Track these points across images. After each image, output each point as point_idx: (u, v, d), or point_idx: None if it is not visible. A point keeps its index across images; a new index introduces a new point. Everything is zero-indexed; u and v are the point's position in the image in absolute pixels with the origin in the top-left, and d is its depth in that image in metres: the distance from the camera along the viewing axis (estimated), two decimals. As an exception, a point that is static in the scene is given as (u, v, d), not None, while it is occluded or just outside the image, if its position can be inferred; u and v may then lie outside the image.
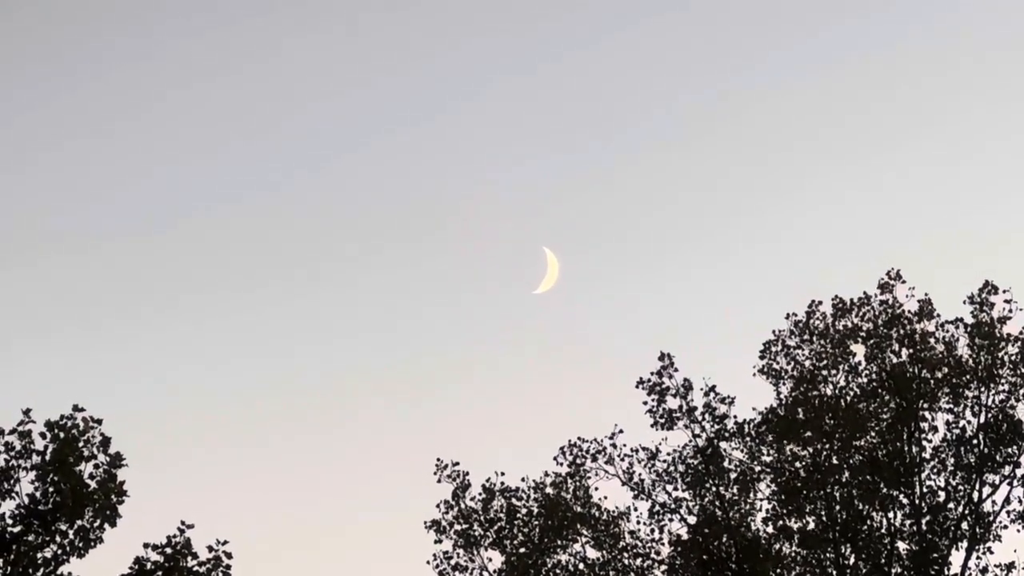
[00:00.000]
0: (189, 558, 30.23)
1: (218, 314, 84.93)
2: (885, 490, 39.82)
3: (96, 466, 29.42)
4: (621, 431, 40.20)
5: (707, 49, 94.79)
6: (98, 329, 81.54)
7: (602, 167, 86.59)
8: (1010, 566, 39.42)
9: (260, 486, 74.19)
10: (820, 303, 41.61)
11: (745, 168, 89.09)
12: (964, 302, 40.63)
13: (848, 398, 40.74)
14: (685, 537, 40.05)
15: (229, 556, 29.07)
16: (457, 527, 39.62)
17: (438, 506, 40.03)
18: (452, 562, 39.77)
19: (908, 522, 39.57)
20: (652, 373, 39.56)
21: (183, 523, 29.53)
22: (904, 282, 40.47)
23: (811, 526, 40.08)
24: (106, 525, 29.37)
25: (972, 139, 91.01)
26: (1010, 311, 40.31)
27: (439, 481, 39.50)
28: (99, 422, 29.36)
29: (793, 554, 40.08)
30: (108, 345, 79.02)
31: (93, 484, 29.76)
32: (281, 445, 77.91)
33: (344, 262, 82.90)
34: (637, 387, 39.69)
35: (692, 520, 40.46)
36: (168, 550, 29.21)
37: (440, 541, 40.40)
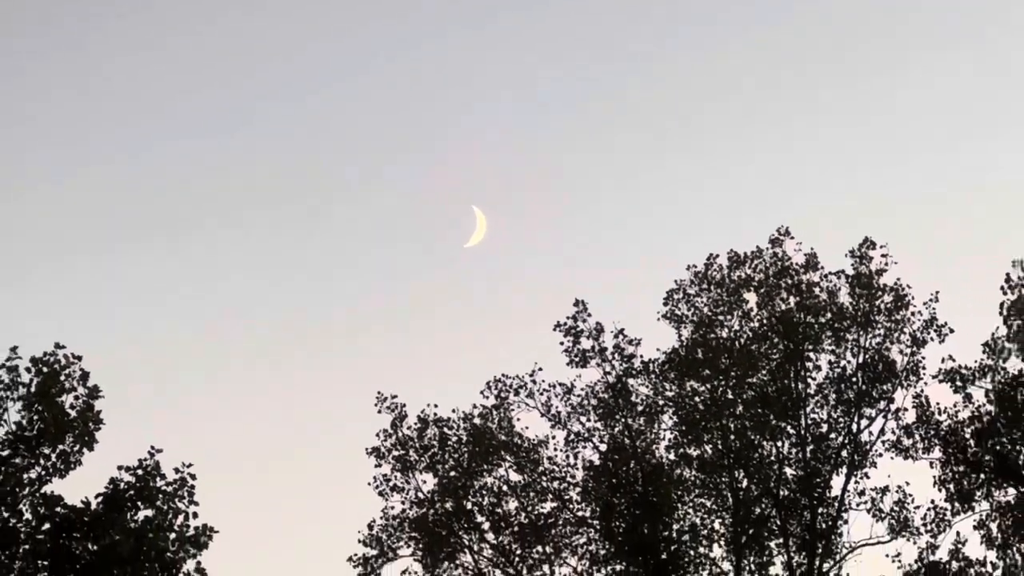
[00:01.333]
0: (158, 479, 31.95)
1: (178, 253, 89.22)
2: (774, 422, 42.25)
3: (76, 397, 31.06)
4: (540, 369, 42.16)
5: (615, 19, 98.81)
6: (73, 268, 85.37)
7: (525, 133, 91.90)
8: (884, 489, 41.72)
9: (222, 416, 78.88)
10: (717, 256, 43.83)
11: (651, 133, 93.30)
12: (846, 255, 42.76)
13: (741, 341, 43.05)
14: (597, 463, 42.42)
15: (193, 477, 30.64)
16: (395, 453, 41.77)
17: (378, 435, 42.00)
18: (390, 484, 41.88)
19: (794, 450, 42.17)
20: (568, 317, 41.66)
21: (152, 448, 30.97)
22: (792, 238, 42.88)
23: (708, 454, 42.61)
24: (84, 450, 30.85)
25: (855, 111, 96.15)
26: (886, 264, 42.82)
27: (379, 412, 41.57)
28: (79, 358, 30.66)
29: (692, 478, 42.63)
30: (84, 282, 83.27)
31: (73, 413, 31.05)
32: (239, 379, 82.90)
33: (300, 215, 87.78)
34: (555, 330, 41.67)
35: (603, 448, 42.60)
36: (139, 471, 30.61)
37: (379, 465, 42.49)
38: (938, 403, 42.01)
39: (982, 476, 39.61)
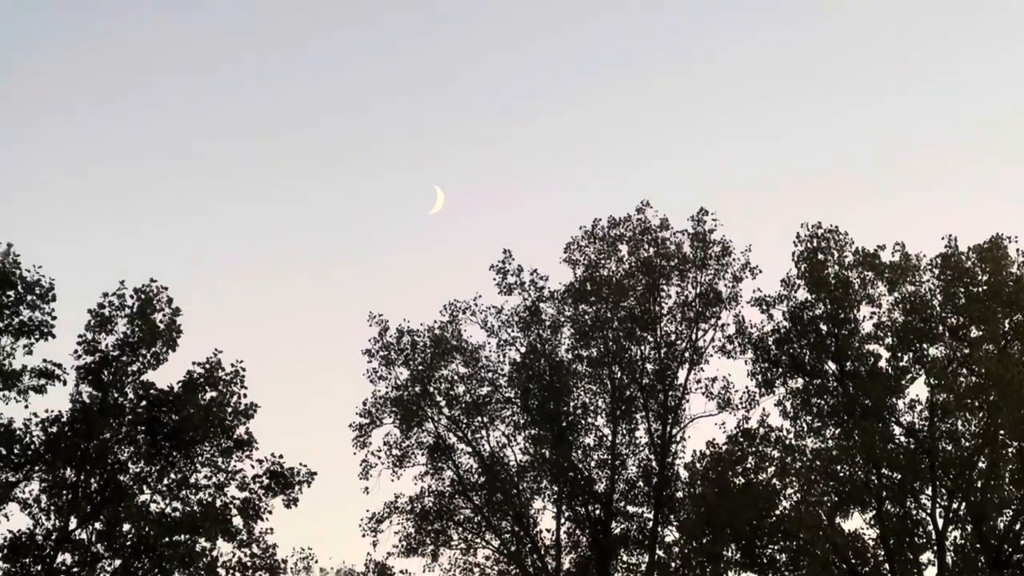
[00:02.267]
0: (219, 370, 39.74)
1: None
2: (639, 333, 50.35)
3: (163, 315, 39.52)
4: (480, 296, 50.28)
5: (551, 27, 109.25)
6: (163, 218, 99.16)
7: (480, 119, 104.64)
8: (714, 379, 49.53)
9: (261, 326, 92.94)
10: (600, 219, 51.04)
11: (572, 118, 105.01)
12: (688, 220, 50.36)
13: (616, 277, 50.75)
14: (518, 360, 50.56)
15: (244, 370, 39.69)
16: (381, 353, 49.17)
17: (369, 340, 49.44)
18: (378, 375, 49.25)
19: (653, 352, 50.17)
20: (499, 261, 49.71)
21: (215, 350, 39.46)
22: (652, 207, 50.44)
23: (594, 355, 50.42)
24: (169, 351, 38.77)
25: (687, 95, 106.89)
26: (714, 226, 49.96)
27: (370, 325, 49.31)
28: (166, 288, 39.19)
29: (584, 371, 50.59)
30: (172, 230, 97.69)
31: (161, 326, 39.13)
32: (272, 297, 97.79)
33: (297, 176, 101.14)
34: (489, 270, 49.70)
35: (522, 350, 50.40)
36: (207, 365, 39.32)
37: (370, 362, 49.63)
38: (750, 321, 48.96)
39: (780, 370, 46.53)
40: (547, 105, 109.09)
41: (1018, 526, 43.29)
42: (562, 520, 49.86)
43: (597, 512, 48.74)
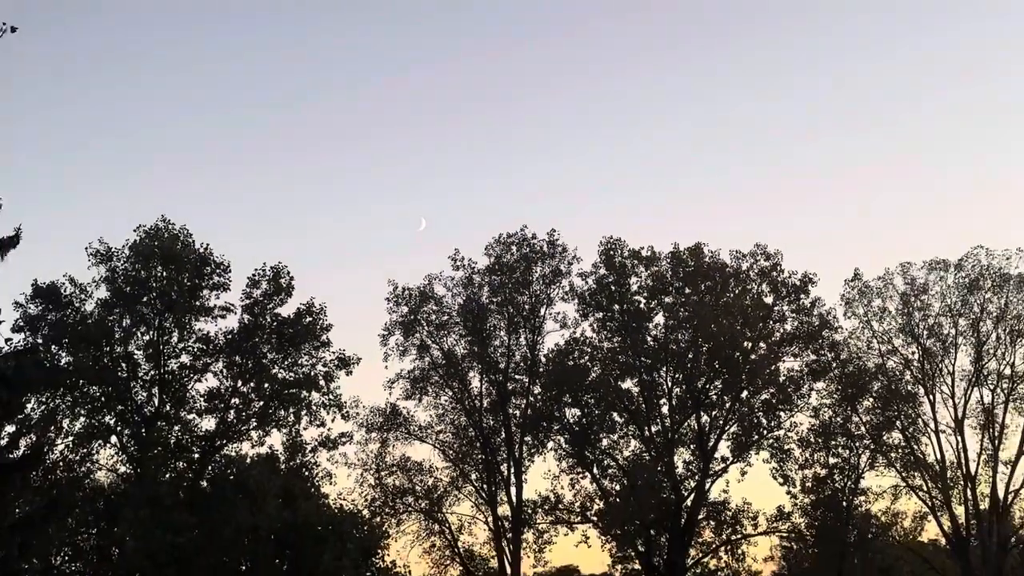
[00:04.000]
0: (313, 307, 54.80)
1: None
2: (521, 290, 65.85)
3: (284, 280, 55.67)
4: (443, 271, 67.18)
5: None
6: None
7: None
8: (559, 313, 66.33)
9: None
10: (502, 233, 66.45)
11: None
12: (545, 235, 65.47)
13: (511, 263, 65.90)
14: (462, 303, 66.12)
15: (325, 305, 55.28)
16: (393, 299, 66.62)
17: (388, 289, 67.12)
18: (392, 309, 65.87)
19: (528, 300, 66.03)
20: (453, 253, 66.58)
21: (311, 297, 55.28)
22: (528, 228, 66.36)
23: (500, 300, 66.42)
24: (288, 297, 58.84)
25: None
26: (557, 236, 65.71)
27: (388, 283, 69.48)
28: (287, 266, 58.57)
29: (496, 310, 66.59)
30: None
31: (284, 285, 55.49)
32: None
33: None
34: (448, 259, 67.33)
35: (463, 300, 66.25)
36: (307, 304, 55.31)
37: (388, 302, 66.04)
38: (576, 284, 65.91)
39: (591, 308, 65.93)
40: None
41: (706, 384, 65.52)
42: (483, 385, 67.32)
43: (500, 379, 66.58)
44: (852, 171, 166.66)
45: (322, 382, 55.84)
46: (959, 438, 65.62)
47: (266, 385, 54.98)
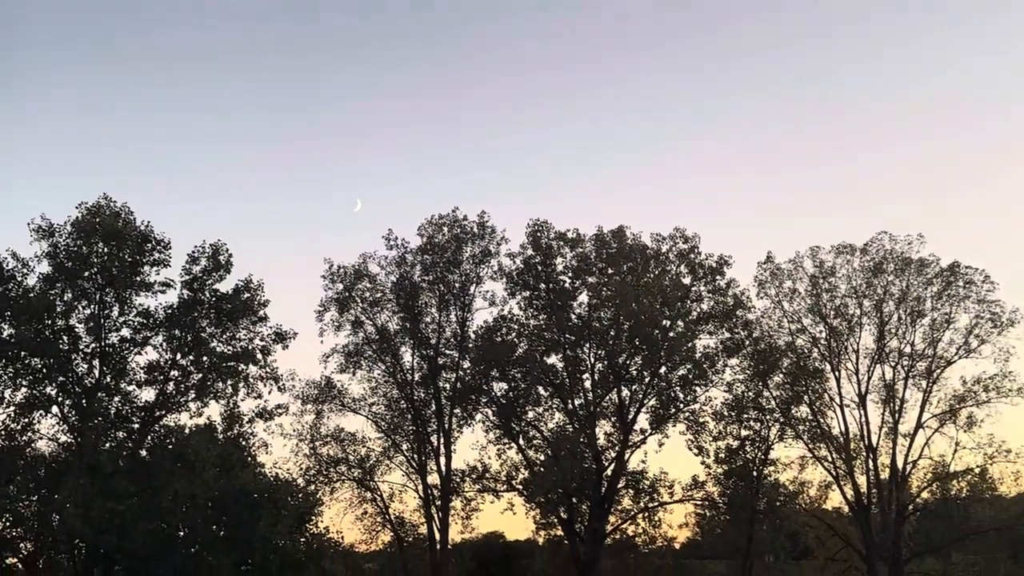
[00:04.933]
0: (251, 283, 57.60)
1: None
2: (452, 269, 66.18)
3: (223, 257, 56.87)
4: (377, 250, 69.92)
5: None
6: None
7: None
8: (488, 291, 66.99)
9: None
10: (435, 214, 67.19)
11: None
12: (476, 216, 67.23)
13: (442, 243, 65.74)
14: (395, 280, 66.43)
15: (263, 282, 58.16)
16: (329, 276, 66.39)
17: (325, 267, 67.00)
18: (328, 285, 67.24)
19: (458, 278, 66.36)
20: (387, 232, 66.50)
21: (250, 274, 54.88)
22: (459, 209, 66.54)
23: (431, 279, 66.49)
24: (226, 274, 56.80)
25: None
26: (488, 219, 65.97)
27: (324, 261, 68.42)
28: (226, 244, 60.33)
29: (427, 288, 67.03)
30: None
31: (223, 262, 56.70)
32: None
33: None
34: (382, 238, 66.66)
35: (395, 277, 66.52)
36: (245, 280, 57.57)
37: (324, 279, 67.00)
38: (504, 264, 67.43)
39: (518, 287, 66.83)
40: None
41: (626, 360, 66.54)
42: (414, 360, 68.14)
43: (431, 354, 67.45)
44: (767, 158, 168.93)
45: (259, 355, 56.31)
46: (862, 412, 67.48)
47: (205, 358, 55.11)
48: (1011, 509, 66.09)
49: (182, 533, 52.05)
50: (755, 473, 68.66)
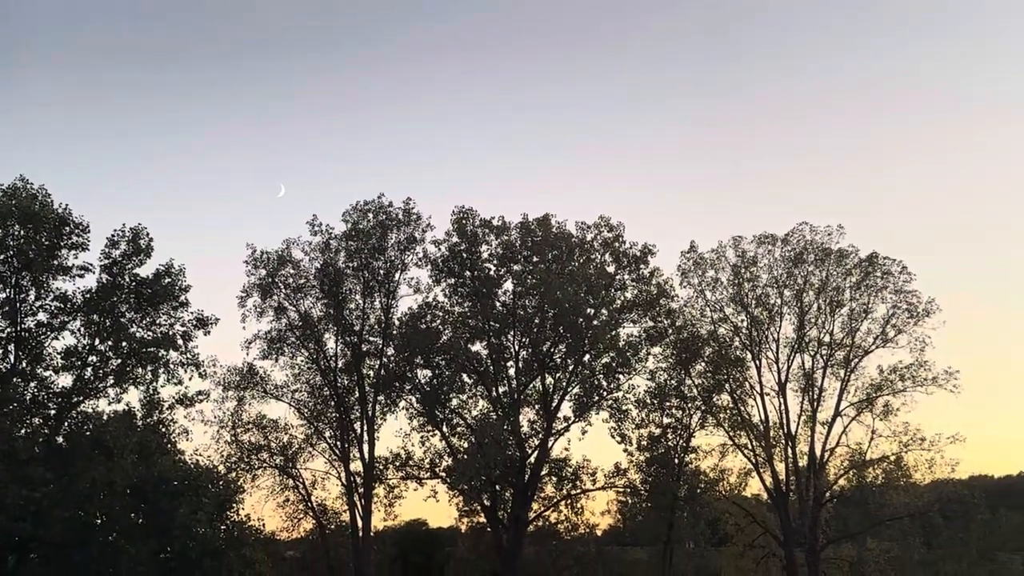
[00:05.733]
0: (172, 268, 58.62)
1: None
2: (376, 255, 65.74)
3: (144, 241, 57.14)
4: (301, 235, 66.19)
5: None
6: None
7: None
8: (412, 278, 66.81)
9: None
10: (360, 200, 66.45)
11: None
12: (401, 203, 65.59)
13: (368, 229, 65.53)
14: (319, 267, 65.80)
15: (184, 267, 55.33)
16: (252, 261, 66.21)
17: (247, 253, 66.41)
18: (251, 271, 66.85)
19: (383, 264, 65.78)
20: (311, 218, 66.87)
21: (171, 258, 53.21)
22: (386, 196, 66.45)
23: (356, 264, 66.09)
24: (147, 258, 55.30)
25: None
26: (413, 205, 66.02)
27: (247, 246, 67.42)
28: (147, 228, 60.30)
29: (352, 275, 66.52)
30: None
31: (144, 245, 57.72)
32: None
33: None
34: (306, 224, 67.25)
35: (320, 264, 65.93)
36: (166, 265, 57.43)
37: (247, 265, 66.75)
38: (429, 251, 66.62)
39: (443, 275, 66.64)
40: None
41: (550, 348, 66.90)
42: (338, 347, 67.79)
43: (355, 340, 67.19)
44: (690, 150, 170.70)
45: (180, 341, 55.59)
46: (782, 400, 68.21)
47: (124, 344, 54.18)
48: (925, 496, 66.89)
49: (100, 521, 51.11)
50: (676, 461, 69.28)
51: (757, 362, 68.83)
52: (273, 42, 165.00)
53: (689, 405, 69.43)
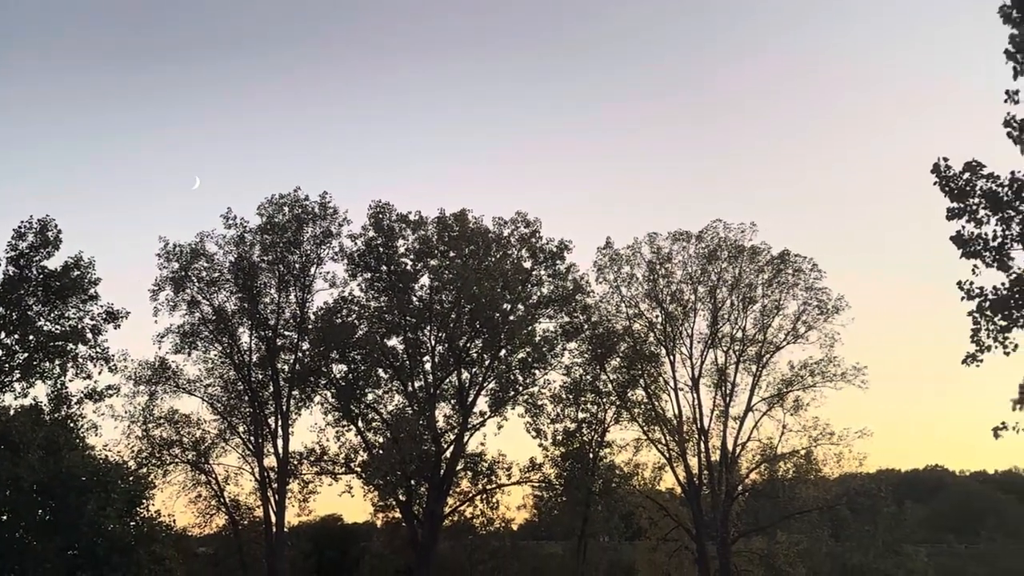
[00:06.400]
0: (81, 261, 56.35)
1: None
2: (292, 249, 66.59)
3: (52, 233, 58.17)
4: (215, 228, 66.03)
5: None
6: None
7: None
8: (328, 272, 66.97)
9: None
10: (275, 194, 66.41)
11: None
12: (318, 198, 69.57)
13: (285, 223, 65.57)
14: (233, 260, 66.20)
15: (94, 260, 58.92)
16: (164, 255, 65.87)
17: (159, 245, 65.97)
18: (163, 264, 66.60)
19: (298, 259, 66.94)
20: (225, 211, 66.80)
21: (80, 251, 53.32)
22: (301, 190, 66.04)
23: (270, 259, 66.55)
24: (55, 250, 54.11)
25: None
26: (329, 199, 66.31)
27: (160, 239, 68.44)
28: (55, 219, 58.91)
29: (267, 268, 66.65)
30: None
31: (52, 238, 58.06)
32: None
33: None
34: (221, 217, 66.42)
35: (234, 257, 65.91)
36: (75, 258, 55.54)
37: (159, 258, 66.23)
38: (345, 245, 66.81)
39: (359, 269, 66.90)
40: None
41: (467, 343, 67.20)
42: (252, 341, 67.39)
43: (269, 335, 67.05)
44: (607, 146, 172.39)
45: (89, 335, 54.50)
46: (695, 395, 68.99)
47: (31, 337, 53.10)
48: (833, 490, 67.94)
49: (5, 517, 50.08)
50: (591, 455, 69.68)
51: (671, 357, 69.65)
52: (187, 37, 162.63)
53: (604, 400, 69.83)
